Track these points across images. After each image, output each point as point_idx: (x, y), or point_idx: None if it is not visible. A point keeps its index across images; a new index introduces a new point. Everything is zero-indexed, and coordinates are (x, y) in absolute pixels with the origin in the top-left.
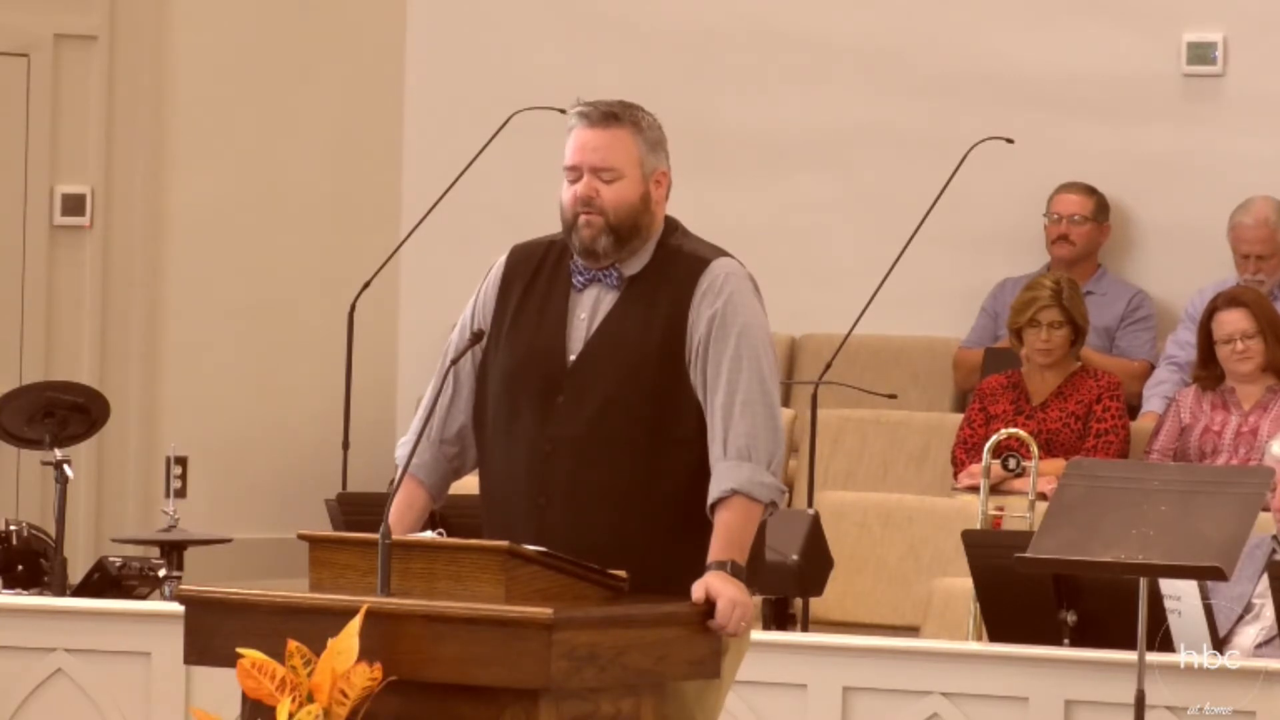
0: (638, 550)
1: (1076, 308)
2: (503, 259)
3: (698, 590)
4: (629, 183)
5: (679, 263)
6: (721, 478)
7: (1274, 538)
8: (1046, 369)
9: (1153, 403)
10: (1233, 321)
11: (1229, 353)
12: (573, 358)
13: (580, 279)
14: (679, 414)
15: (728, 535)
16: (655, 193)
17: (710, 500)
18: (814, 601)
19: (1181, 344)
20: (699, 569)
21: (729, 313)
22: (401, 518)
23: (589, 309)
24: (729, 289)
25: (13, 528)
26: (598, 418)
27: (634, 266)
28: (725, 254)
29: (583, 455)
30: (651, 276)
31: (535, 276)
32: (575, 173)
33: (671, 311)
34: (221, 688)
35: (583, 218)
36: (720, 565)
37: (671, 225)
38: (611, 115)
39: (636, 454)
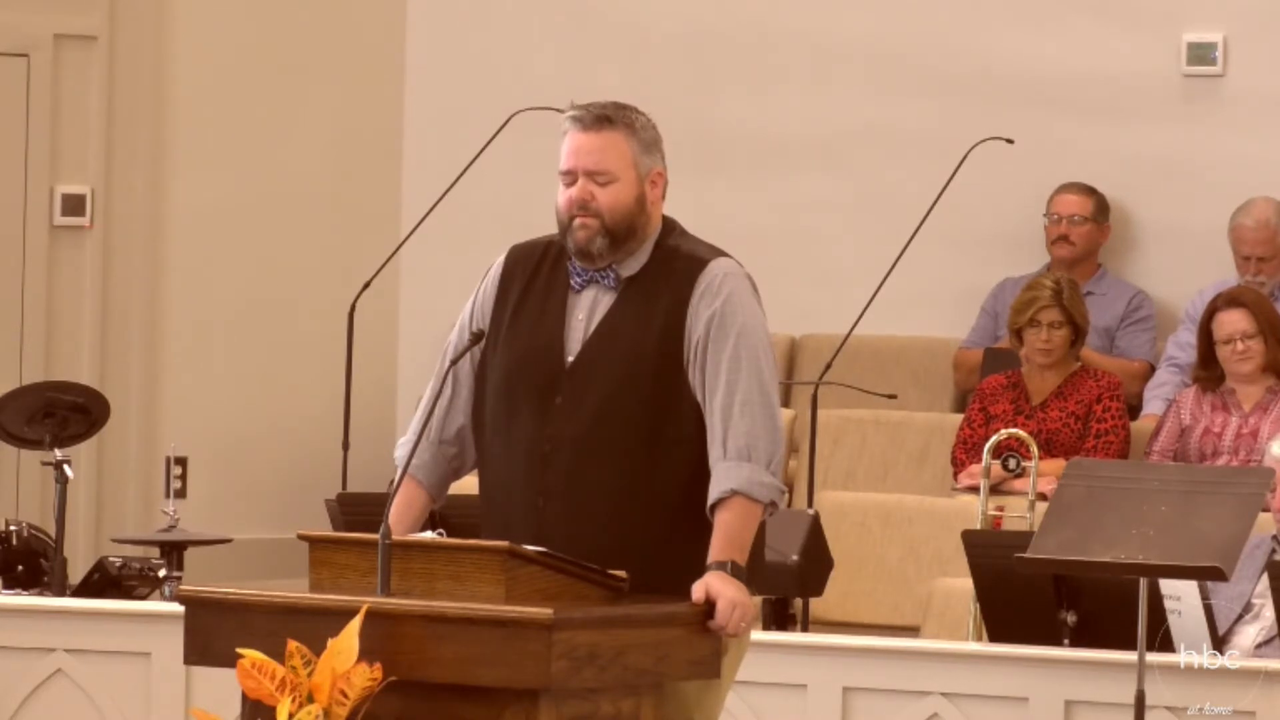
0: (637, 550)
1: (1077, 308)
2: (501, 259)
3: (698, 590)
4: (624, 185)
5: (677, 263)
6: (721, 478)
7: (1274, 538)
8: (1047, 369)
9: (1153, 405)
10: (1233, 322)
11: (1229, 353)
12: (571, 358)
13: (578, 279)
14: (677, 414)
15: (727, 535)
16: (651, 193)
17: (710, 501)
18: (814, 601)
19: (1182, 345)
20: (699, 568)
21: (727, 313)
22: (401, 518)
23: (587, 310)
24: (727, 289)
25: (13, 528)
26: (596, 418)
27: (631, 267)
28: (723, 254)
29: (581, 456)
30: (649, 277)
31: (533, 277)
32: (570, 176)
33: (669, 312)
34: (221, 688)
35: (578, 220)
36: (720, 565)
37: (669, 225)
38: (605, 118)
39: (635, 454)
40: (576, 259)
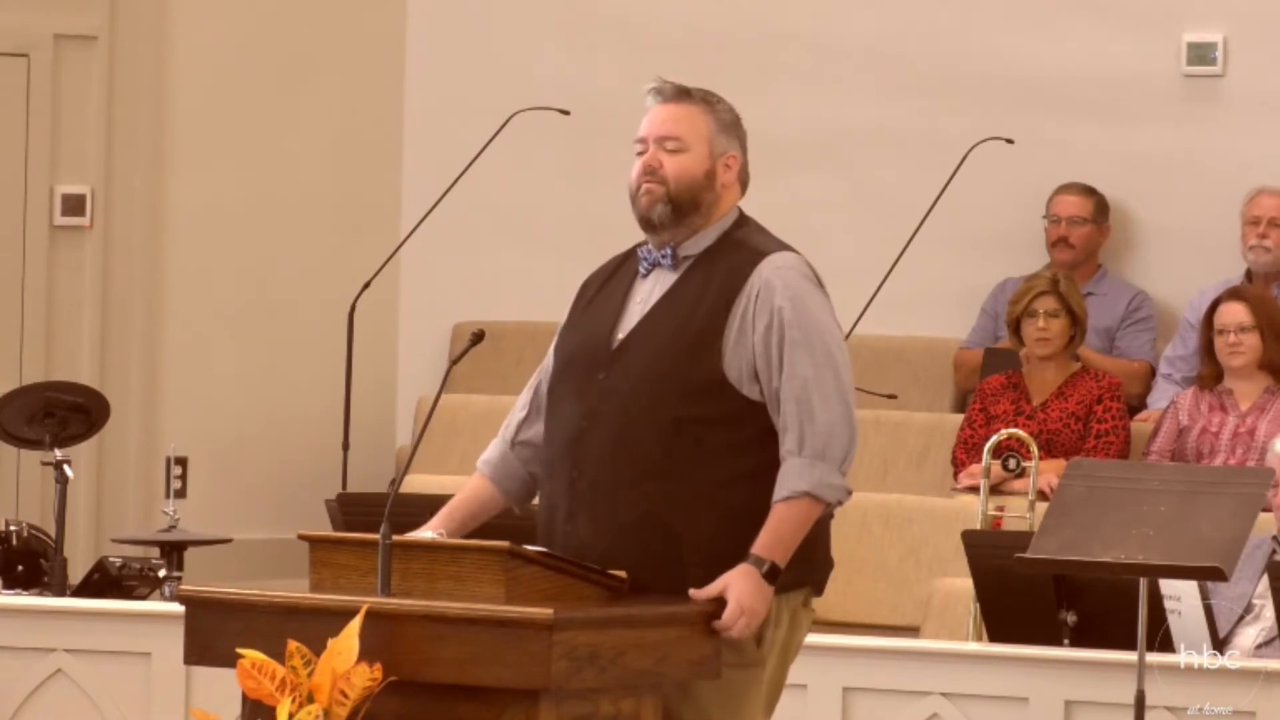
0: (663, 527)
1: (1074, 297)
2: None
3: (717, 585)
4: (694, 156)
5: (739, 251)
6: (794, 476)
7: (1274, 538)
8: (1046, 363)
9: (1153, 405)
10: (1232, 314)
11: (1223, 344)
12: (621, 336)
13: (644, 265)
14: (714, 397)
15: (778, 533)
16: (723, 175)
17: (777, 497)
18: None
19: (1172, 361)
20: (718, 549)
21: (800, 307)
22: (456, 506)
23: (647, 293)
24: (794, 284)
25: (13, 528)
26: (632, 394)
27: (690, 248)
28: (789, 248)
29: (615, 431)
30: (709, 260)
31: (610, 276)
32: (643, 144)
33: (721, 295)
34: (221, 688)
35: (644, 186)
36: (759, 562)
37: (743, 219)
38: (685, 92)
39: (665, 433)
40: (642, 229)
